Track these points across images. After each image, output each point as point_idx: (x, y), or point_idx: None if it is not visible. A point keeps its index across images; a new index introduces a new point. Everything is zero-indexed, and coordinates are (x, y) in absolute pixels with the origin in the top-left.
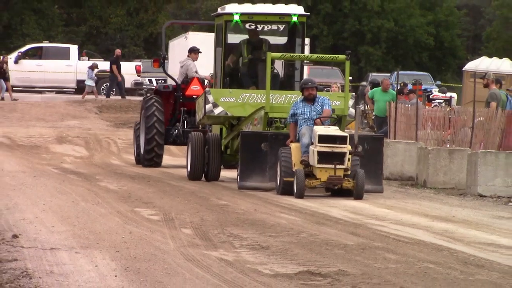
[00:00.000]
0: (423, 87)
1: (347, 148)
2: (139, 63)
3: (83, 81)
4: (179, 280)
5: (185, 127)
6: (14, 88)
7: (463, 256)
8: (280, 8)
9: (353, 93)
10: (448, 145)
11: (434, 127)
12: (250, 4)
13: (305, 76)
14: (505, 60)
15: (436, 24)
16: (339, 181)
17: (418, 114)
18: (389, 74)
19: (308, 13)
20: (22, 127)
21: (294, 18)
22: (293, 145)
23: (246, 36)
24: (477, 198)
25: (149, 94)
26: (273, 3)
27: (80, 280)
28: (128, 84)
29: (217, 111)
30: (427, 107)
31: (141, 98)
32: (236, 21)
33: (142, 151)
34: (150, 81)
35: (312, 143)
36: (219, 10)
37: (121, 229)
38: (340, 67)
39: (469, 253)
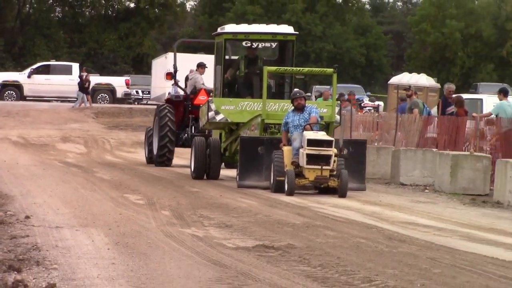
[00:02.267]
0: (356, 96)
1: (332, 151)
2: (128, 78)
3: None
4: (159, 252)
5: (193, 132)
6: (27, 98)
7: (388, 233)
8: (273, 28)
9: (339, 101)
10: (376, 144)
11: (365, 129)
12: (246, 25)
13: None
14: (422, 75)
15: (367, 46)
16: (325, 180)
17: (352, 118)
18: (329, 87)
19: (297, 32)
20: (33, 129)
21: (285, 37)
22: (285, 148)
23: (243, 53)
24: (399, 186)
25: (162, 103)
26: (266, 24)
27: (79, 252)
28: (119, 94)
29: (219, 117)
30: (359, 113)
31: (129, 106)
32: (234, 39)
33: (154, 153)
34: (137, 92)
35: (301, 147)
36: (219, 30)
37: (113, 211)
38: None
39: (393, 230)
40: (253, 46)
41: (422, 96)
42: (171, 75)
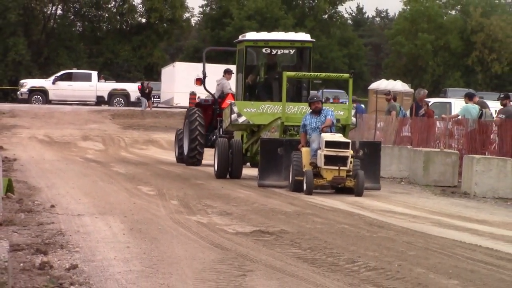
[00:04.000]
0: (341, 100)
1: (349, 152)
2: (141, 84)
3: (101, 96)
4: (168, 236)
5: (221, 133)
6: (52, 102)
7: (369, 220)
8: (291, 36)
9: (354, 105)
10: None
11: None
12: (266, 32)
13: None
14: (398, 82)
15: (349, 57)
16: (342, 181)
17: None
18: (316, 92)
19: (314, 40)
20: (58, 129)
21: (302, 44)
22: (304, 150)
23: (263, 59)
24: None
25: (192, 107)
26: (285, 32)
27: (98, 237)
28: (132, 98)
29: (241, 119)
30: None
31: (141, 108)
32: (254, 46)
33: (185, 154)
34: None
35: (319, 148)
36: (240, 38)
37: (128, 201)
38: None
39: (373, 217)
40: (272, 53)
41: (398, 100)
42: (201, 81)
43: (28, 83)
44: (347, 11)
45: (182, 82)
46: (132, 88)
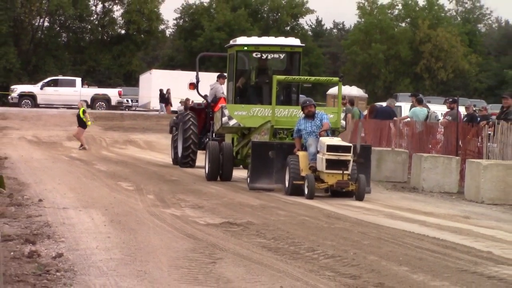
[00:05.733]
0: None
1: (350, 156)
2: (120, 89)
3: (85, 101)
4: (145, 228)
5: (214, 136)
6: (40, 105)
7: (327, 212)
8: (281, 40)
9: (344, 108)
10: None
11: None
12: (256, 37)
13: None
14: (353, 87)
15: (309, 64)
16: (346, 185)
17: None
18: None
19: (304, 45)
20: (45, 130)
21: (292, 49)
22: (301, 154)
23: (253, 63)
24: None
25: (186, 112)
26: (275, 36)
27: (82, 228)
28: (113, 102)
29: (232, 122)
30: None
31: (121, 111)
32: (245, 50)
33: (179, 156)
34: (127, 100)
35: (318, 152)
36: (231, 42)
37: (108, 195)
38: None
39: (331, 210)
40: (262, 57)
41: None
42: (194, 85)
43: (18, 89)
44: (308, 23)
45: (158, 87)
46: (113, 93)
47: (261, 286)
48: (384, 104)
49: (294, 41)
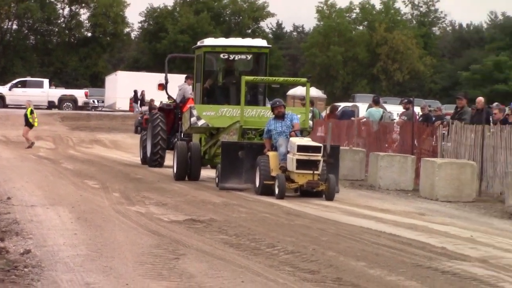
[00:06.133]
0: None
1: (320, 156)
2: (87, 90)
3: (52, 101)
4: (111, 224)
5: (182, 136)
6: (8, 106)
7: (287, 209)
8: (248, 41)
9: (311, 108)
10: None
11: None
12: (224, 38)
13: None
14: (312, 88)
15: (270, 66)
16: (317, 185)
17: None
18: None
19: (270, 46)
20: (13, 130)
21: (259, 50)
22: (271, 154)
23: (221, 64)
24: None
25: (155, 112)
26: (242, 38)
27: (49, 225)
28: (80, 103)
29: (200, 123)
30: None
31: (87, 112)
32: (212, 51)
33: (148, 155)
34: (94, 101)
35: (289, 152)
36: (199, 44)
37: (75, 193)
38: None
39: (291, 207)
40: (230, 58)
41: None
42: (163, 86)
43: None
44: (268, 26)
45: (124, 88)
46: (79, 94)
47: (223, 281)
48: (343, 104)
49: (261, 42)
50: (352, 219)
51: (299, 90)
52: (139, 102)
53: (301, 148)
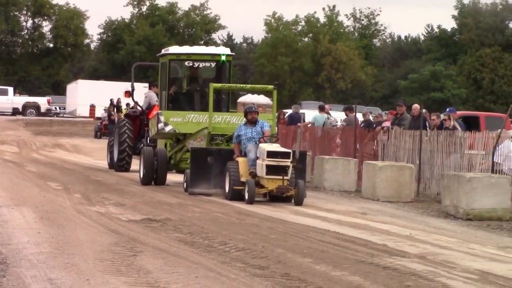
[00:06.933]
0: None
1: (290, 162)
2: (49, 98)
3: (16, 108)
4: (72, 224)
5: (148, 142)
6: None
7: (238, 209)
8: (212, 49)
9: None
10: None
11: None
12: (188, 46)
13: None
14: (261, 96)
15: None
16: (287, 190)
17: None
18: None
19: (234, 54)
20: None
21: (223, 57)
22: (240, 159)
23: (185, 71)
24: None
25: (122, 118)
26: (206, 46)
27: (14, 224)
28: (43, 110)
29: (168, 128)
30: None
31: (50, 118)
32: (177, 59)
33: (115, 160)
34: (56, 108)
35: (258, 158)
36: (163, 51)
37: (39, 195)
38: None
39: (242, 207)
40: (194, 66)
41: (260, 111)
42: (129, 93)
43: None
44: (220, 38)
45: (84, 96)
46: (42, 101)
47: (178, 276)
48: (290, 111)
49: (224, 50)
50: (299, 218)
51: (248, 98)
52: (115, 109)
53: (271, 154)
